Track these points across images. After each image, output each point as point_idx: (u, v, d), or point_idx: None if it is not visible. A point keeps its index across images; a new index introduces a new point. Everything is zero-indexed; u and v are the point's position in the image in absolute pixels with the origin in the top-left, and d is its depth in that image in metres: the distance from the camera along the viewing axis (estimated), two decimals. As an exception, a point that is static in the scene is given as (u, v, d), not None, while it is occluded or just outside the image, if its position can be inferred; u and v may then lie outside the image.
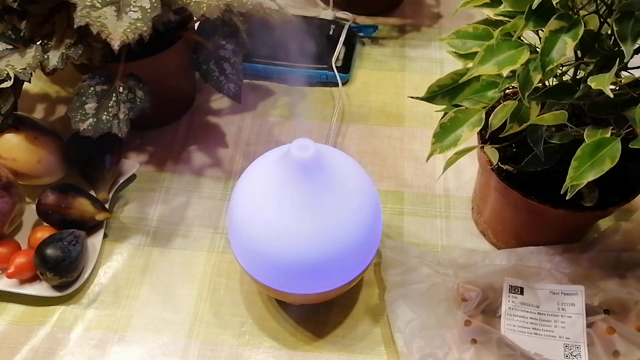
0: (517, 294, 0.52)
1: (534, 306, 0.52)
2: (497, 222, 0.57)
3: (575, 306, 0.51)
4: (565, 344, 0.50)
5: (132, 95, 0.57)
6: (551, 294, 0.52)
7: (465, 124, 0.44)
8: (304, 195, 0.45)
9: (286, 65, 0.73)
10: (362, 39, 0.79)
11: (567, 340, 0.50)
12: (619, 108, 0.42)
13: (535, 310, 0.51)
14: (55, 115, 0.71)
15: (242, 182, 0.50)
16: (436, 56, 0.77)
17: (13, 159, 0.58)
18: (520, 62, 0.39)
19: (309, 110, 0.72)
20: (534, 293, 0.52)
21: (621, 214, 0.60)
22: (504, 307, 0.52)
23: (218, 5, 0.54)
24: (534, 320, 0.51)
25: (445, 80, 0.46)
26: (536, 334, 0.50)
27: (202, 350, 0.53)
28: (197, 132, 0.70)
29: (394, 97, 0.73)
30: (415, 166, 0.66)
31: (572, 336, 0.50)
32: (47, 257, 0.53)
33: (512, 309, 0.51)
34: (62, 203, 0.57)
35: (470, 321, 0.51)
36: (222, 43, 0.64)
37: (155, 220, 0.62)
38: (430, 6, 0.84)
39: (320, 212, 0.46)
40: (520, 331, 0.50)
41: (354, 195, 0.48)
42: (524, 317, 0.51)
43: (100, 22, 0.50)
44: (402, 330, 0.51)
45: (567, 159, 0.40)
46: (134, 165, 0.64)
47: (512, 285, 0.52)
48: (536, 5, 0.38)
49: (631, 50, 0.36)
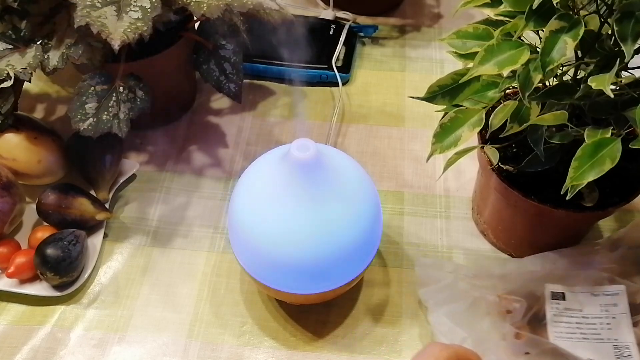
0: (559, 299, 0.51)
1: (577, 310, 0.51)
2: (497, 222, 0.57)
3: (619, 306, 0.50)
4: (614, 345, 0.49)
5: (132, 95, 0.57)
6: (592, 296, 0.51)
7: (466, 124, 0.44)
8: (304, 196, 0.45)
9: (286, 65, 0.73)
10: (363, 39, 0.79)
11: (616, 341, 0.49)
12: (619, 108, 0.42)
13: (579, 314, 0.51)
14: (55, 115, 0.71)
15: (242, 182, 0.50)
16: (436, 56, 0.77)
17: (13, 158, 0.58)
18: (521, 62, 0.39)
19: (309, 110, 0.72)
20: (576, 297, 0.51)
21: (621, 214, 0.60)
22: (548, 315, 0.51)
23: (218, 5, 0.54)
24: (579, 324, 0.50)
25: (446, 80, 0.46)
26: (584, 339, 0.50)
27: (202, 350, 0.53)
28: (197, 132, 0.70)
29: (394, 97, 0.73)
30: (415, 166, 0.66)
31: (620, 337, 0.49)
32: (47, 257, 0.53)
33: (556, 316, 0.51)
34: (62, 203, 0.57)
35: (521, 334, 0.49)
36: (222, 43, 0.64)
37: (155, 220, 0.62)
38: (431, 6, 0.84)
39: (320, 212, 0.46)
40: (568, 337, 0.50)
41: (354, 195, 0.48)
42: (570, 322, 0.50)
43: (100, 22, 0.50)
44: None
45: (567, 159, 0.40)
46: (134, 165, 0.64)
47: (554, 292, 0.51)
48: (536, 5, 0.38)
49: (631, 50, 0.36)
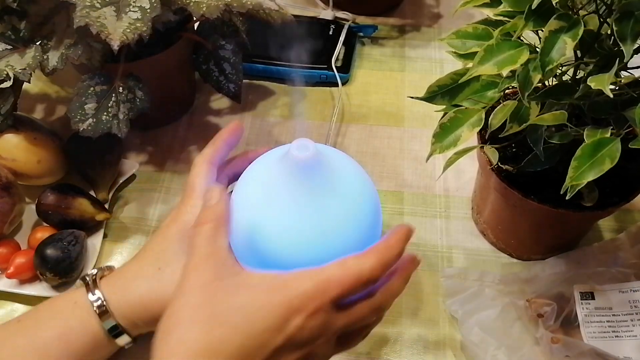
0: (589, 299, 0.51)
1: (607, 309, 0.51)
2: (497, 222, 0.57)
3: None
4: None
5: (131, 96, 0.57)
6: (620, 293, 0.51)
7: (465, 124, 0.44)
8: (304, 195, 0.45)
9: (286, 65, 0.73)
10: (362, 39, 0.79)
11: None
12: (618, 108, 0.42)
13: (610, 312, 0.51)
14: (55, 116, 0.71)
15: (242, 181, 0.50)
16: (436, 56, 0.77)
17: (13, 159, 0.58)
18: (520, 62, 0.39)
19: (308, 110, 0.72)
20: (605, 295, 0.51)
21: (621, 213, 0.60)
22: (580, 316, 0.51)
23: (218, 5, 0.54)
24: (611, 323, 0.50)
25: (445, 80, 0.46)
26: (617, 337, 0.50)
27: (202, 350, 0.53)
28: (197, 132, 0.70)
29: (393, 97, 0.73)
30: (415, 166, 0.66)
31: None
32: (47, 257, 0.53)
33: (587, 316, 0.51)
34: (61, 203, 0.57)
35: (557, 338, 0.49)
36: (222, 43, 0.64)
37: (155, 221, 0.62)
38: (430, 6, 0.84)
39: (319, 212, 0.45)
40: (602, 337, 0.50)
41: (354, 195, 0.48)
42: (601, 322, 0.50)
43: (99, 22, 0.50)
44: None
45: (567, 159, 0.40)
46: (134, 165, 0.64)
47: (582, 292, 0.51)
48: (536, 5, 0.38)
49: (631, 50, 0.36)
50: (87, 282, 0.46)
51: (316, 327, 0.38)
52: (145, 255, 0.47)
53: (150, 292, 0.45)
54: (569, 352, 0.49)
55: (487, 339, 0.50)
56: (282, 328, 0.37)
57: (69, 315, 0.45)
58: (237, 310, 0.37)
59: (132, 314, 0.45)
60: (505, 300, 0.53)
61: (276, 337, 0.37)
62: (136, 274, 0.46)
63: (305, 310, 0.37)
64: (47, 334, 0.44)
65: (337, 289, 0.38)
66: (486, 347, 0.50)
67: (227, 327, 0.37)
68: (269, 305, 0.37)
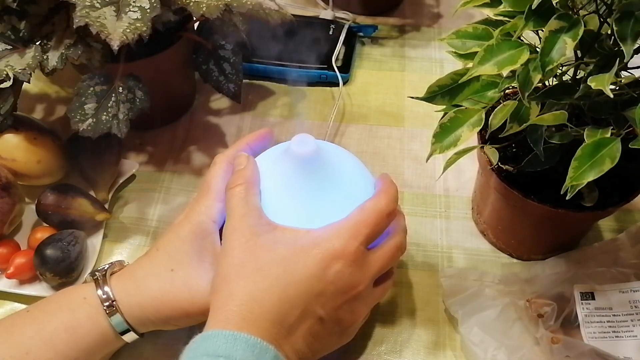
0: (589, 299, 0.51)
1: (607, 309, 0.51)
2: (497, 222, 0.57)
3: None
4: None
5: (131, 96, 0.57)
6: (620, 294, 0.51)
7: (465, 124, 0.44)
8: (305, 191, 0.45)
9: (286, 65, 0.73)
10: (362, 38, 0.79)
11: None
12: (619, 108, 0.42)
13: (610, 312, 0.51)
14: (55, 116, 0.71)
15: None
16: (436, 56, 0.77)
17: (13, 159, 0.58)
18: (520, 62, 0.39)
19: (308, 110, 0.72)
20: (605, 295, 0.51)
21: (621, 213, 0.60)
22: (580, 316, 0.51)
23: (217, 5, 0.54)
24: (611, 323, 0.50)
25: (445, 80, 0.45)
26: (617, 337, 0.50)
27: (202, 350, 0.53)
28: (197, 132, 0.70)
29: (393, 97, 0.73)
30: (415, 166, 0.66)
31: None
32: (46, 258, 0.53)
33: (588, 317, 0.51)
34: (61, 203, 0.57)
35: (557, 338, 0.49)
36: (221, 43, 0.64)
37: (155, 221, 0.62)
38: (430, 6, 0.84)
39: (320, 208, 0.46)
40: (602, 337, 0.50)
41: (355, 191, 0.48)
42: (601, 322, 0.50)
43: (99, 22, 0.50)
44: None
45: (567, 159, 0.40)
46: (134, 165, 0.64)
47: (583, 292, 0.51)
48: (536, 5, 0.38)
49: (631, 50, 0.36)
50: (96, 279, 0.46)
51: (355, 271, 0.42)
52: (158, 254, 0.47)
53: (162, 294, 0.45)
54: (569, 352, 0.49)
55: (487, 339, 0.50)
56: (321, 276, 0.41)
57: (77, 310, 0.45)
58: (278, 263, 0.41)
59: (142, 313, 0.46)
60: (505, 300, 0.53)
61: (316, 284, 0.41)
62: (148, 274, 0.46)
63: (342, 256, 0.41)
64: (55, 326, 0.45)
65: (366, 229, 0.43)
66: (486, 347, 0.50)
67: (270, 278, 0.41)
68: (306, 256, 0.41)
